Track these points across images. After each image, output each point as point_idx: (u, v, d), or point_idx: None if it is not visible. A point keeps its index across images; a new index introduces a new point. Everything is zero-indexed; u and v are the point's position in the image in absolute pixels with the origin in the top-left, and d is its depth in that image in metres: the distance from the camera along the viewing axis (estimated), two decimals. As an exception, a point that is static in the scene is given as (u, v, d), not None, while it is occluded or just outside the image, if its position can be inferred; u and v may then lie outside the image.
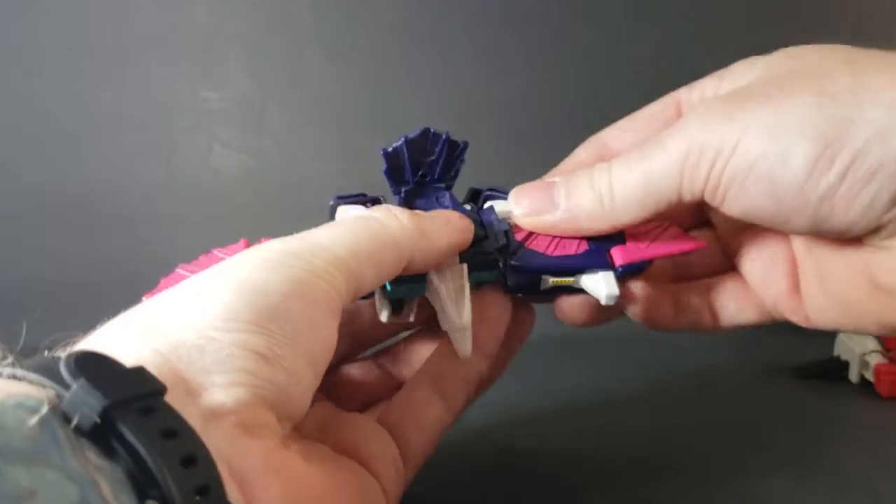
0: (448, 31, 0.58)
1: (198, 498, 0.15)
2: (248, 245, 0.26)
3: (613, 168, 0.27)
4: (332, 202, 0.29)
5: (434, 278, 0.27)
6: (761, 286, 0.30)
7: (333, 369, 0.30)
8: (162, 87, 0.59)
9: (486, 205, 0.29)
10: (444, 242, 0.26)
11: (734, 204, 0.25)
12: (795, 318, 0.29)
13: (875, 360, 0.42)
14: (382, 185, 0.29)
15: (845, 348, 0.44)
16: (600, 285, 0.28)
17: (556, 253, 0.28)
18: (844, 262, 0.26)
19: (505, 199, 0.30)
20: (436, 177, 0.29)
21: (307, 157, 0.59)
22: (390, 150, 0.28)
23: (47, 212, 0.58)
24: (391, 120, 0.59)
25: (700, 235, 0.31)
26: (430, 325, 0.30)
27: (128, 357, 0.18)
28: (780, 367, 0.45)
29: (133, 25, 0.58)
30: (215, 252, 0.27)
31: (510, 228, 0.29)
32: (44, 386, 0.16)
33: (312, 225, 0.24)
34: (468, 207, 0.29)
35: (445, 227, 0.26)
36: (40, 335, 0.21)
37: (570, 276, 0.28)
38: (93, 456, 0.15)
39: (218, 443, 0.17)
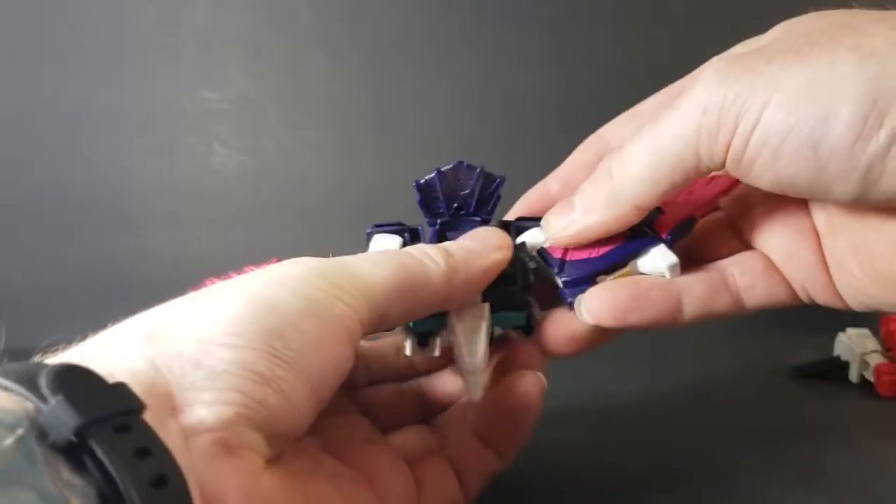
0: (448, 31, 0.58)
1: None
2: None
3: (624, 147, 0.25)
4: (368, 230, 0.28)
5: (452, 316, 0.26)
6: (788, 262, 0.27)
7: (364, 387, 0.30)
8: (162, 87, 0.59)
9: (518, 240, 0.29)
10: (474, 279, 0.25)
11: (764, 174, 0.23)
12: (825, 298, 0.26)
13: (875, 360, 0.42)
14: (382, 187, 0.29)
15: (845, 348, 0.44)
16: (658, 260, 0.27)
17: (600, 253, 0.28)
18: (887, 234, 0.24)
19: (537, 226, 0.29)
20: (471, 210, 0.29)
21: (307, 157, 0.59)
22: (423, 182, 0.27)
23: (48, 212, 0.58)
24: (391, 120, 0.59)
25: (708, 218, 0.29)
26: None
27: (120, 365, 0.18)
28: (780, 367, 0.45)
29: (133, 25, 0.58)
30: (248, 269, 0.27)
31: (538, 267, 0.28)
32: (25, 398, 0.16)
33: (311, 224, 0.24)
34: None
35: (480, 259, 0.26)
36: (40, 335, 0.21)
37: (625, 267, 0.27)
38: (66, 472, 0.15)
39: (195, 462, 0.17)
